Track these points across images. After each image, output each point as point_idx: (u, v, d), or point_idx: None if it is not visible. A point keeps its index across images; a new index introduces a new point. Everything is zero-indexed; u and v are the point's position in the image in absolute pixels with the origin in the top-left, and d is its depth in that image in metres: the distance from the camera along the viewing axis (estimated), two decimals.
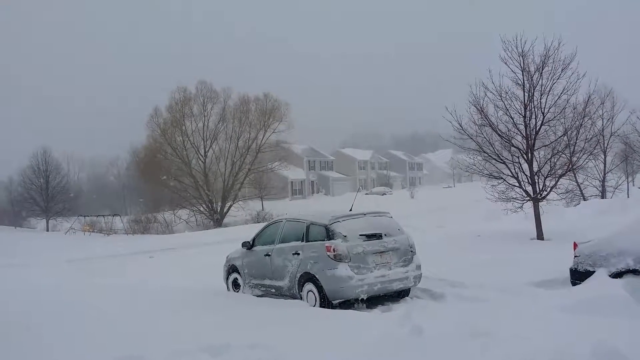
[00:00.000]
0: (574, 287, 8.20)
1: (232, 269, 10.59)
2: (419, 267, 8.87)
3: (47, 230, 51.26)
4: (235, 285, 10.51)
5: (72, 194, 58.56)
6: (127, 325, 6.89)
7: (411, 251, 8.89)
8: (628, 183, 33.38)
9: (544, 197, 16.54)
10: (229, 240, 19.67)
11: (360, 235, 8.45)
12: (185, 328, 6.66)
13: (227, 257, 10.90)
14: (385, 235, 8.66)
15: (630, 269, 7.62)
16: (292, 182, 71.97)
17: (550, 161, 16.44)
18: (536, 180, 16.47)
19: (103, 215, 48.81)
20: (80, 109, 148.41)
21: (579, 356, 3.46)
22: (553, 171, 16.45)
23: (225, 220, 50.10)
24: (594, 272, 7.98)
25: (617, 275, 7.70)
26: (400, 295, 8.93)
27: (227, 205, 51.57)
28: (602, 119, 27.69)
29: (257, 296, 9.66)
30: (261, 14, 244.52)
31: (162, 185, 50.46)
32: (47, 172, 55.15)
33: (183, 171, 51.25)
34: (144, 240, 32.57)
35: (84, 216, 49.37)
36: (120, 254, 22.58)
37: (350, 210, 9.23)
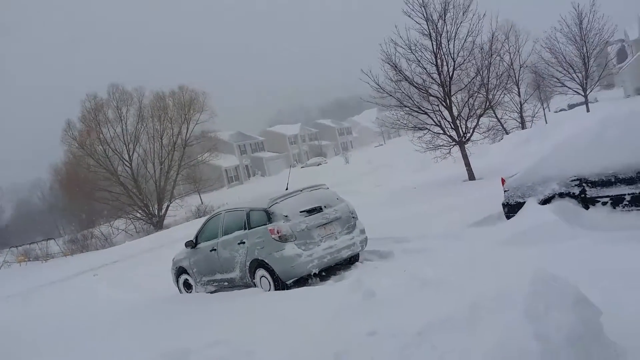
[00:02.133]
0: (508, 220, 8.60)
1: (180, 271, 10.40)
2: (363, 231, 9.01)
3: None
4: (187, 286, 10.33)
5: None
6: (79, 338, 6.64)
7: (353, 217, 9.01)
8: (544, 109, 35.18)
9: (468, 139, 17.16)
10: (173, 241, 19.25)
11: (301, 212, 8.47)
12: (141, 338, 6.48)
13: (173, 260, 10.69)
14: (325, 207, 8.72)
15: (557, 193, 8.04)
16: (226, 170, 70.94)
17: (469, 103, 17.03)
18: (458, 124, 17.02)
19: (36, 242, 46.37)
20: None
21: (521, 288, 3.62)
22: (472, 112, 17.07)
23: (166, 221, 48.84)
24: (524, 202, 8.39)
25: (546, 201, 8.12)
26: (350, 261, 9.08)
27: (164, 206, 50.25)
28: (509, 54, 28.88)
29: (211, 292, 9.56)
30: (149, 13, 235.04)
31: (92, 199, 48.42)
32: None
33: (110, 180, 49.27)
34: (84, 258, 31.28)
35: (16, 246, 46.71)
36: (63, 277, 21.59)
37: (287, 189, 9.22)
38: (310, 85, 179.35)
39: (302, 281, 8.35)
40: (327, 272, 8.64)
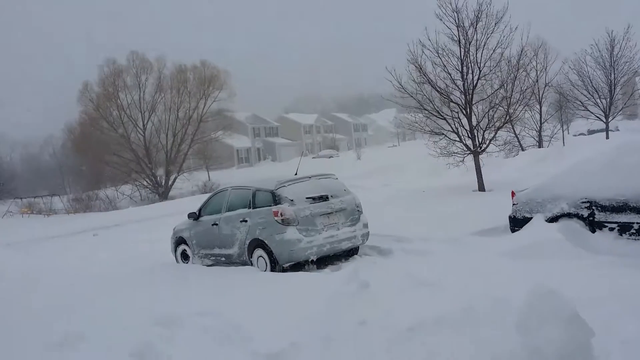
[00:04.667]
0: (513, 233, 8.56)
1: (179, 241, 10.45)
2: (366, 225, 9.00)
3: None
4: (184, 257, 10.38)
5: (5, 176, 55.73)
6: (75, 304, 6.68)
7: (358, 210, 9.00)
8: (563, 131, 34.84)
9: (483, 150, 17.05)
10: (175, 212, 19.33)
11: (306, 198, 8.46)
12: (135, 303, 6.52)
13: (174, 229, 10.74)
14: (331, 196, 8.71)
15: (565, 212, 8.00)
16: (237, 151, 71.08)
17: (488, 114, 16.90)
18: (475, 134, 16.91)
19: (41, 196, 46.72)
20: (4, 87, 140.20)
21: (517, 298, 3.60)
22: (491, 124, 16.94)
23: (171, 193, 49.07)
24: (531, 218, 8.35)
25: (553, 219, 8.08)
26: (349, 254, 9.07)
27: (172, 177, 50.44)
28: (536, 70, 28.58)
29: (207, 266, 9.59)
30: None
31: (102, 162, 48.70)
32: None
33: (122, 146, 49.49)
34: (86, 218, 31.53)
35: (21, 198, 47.11)
36: (63, 234, 21.79)
37: (296, 174, 9.22)
38: (331, 77, 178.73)
39: (299, 266, 8.36)
40: (325, 261, 8.65)
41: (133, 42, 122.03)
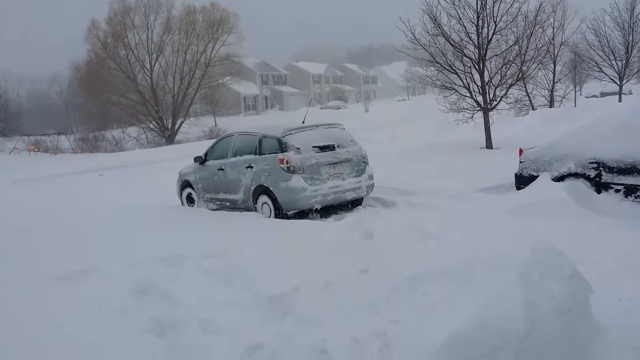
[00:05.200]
0: (518, 191, 8.55)
1: (185, 184, 10.51)
2: (371, 177, 9.00)
3: None
4: (190, 200, 10.47)
5: (12, 111, 55.65)
6: (81, 241, 6.78)
7: (364, 162, 8.98)
8: (576, 92, 34.28)
9: (494, 107, 16.84)
10: (181, 157, 19.34)
11: (313, 147, 8.44)
12: (140, 242, 6.61)
13: (179, 173, 10.79)
14: (338, 146, 8.68)
15: (572, 172, 7.95)
16: (245, 98, 70.54)
17: (501, 71, 16.59)
18: (487, 90, 16.67)
19: (48, 134, 46.86)
20: (13, 22, 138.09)
21: (518, 254, 3.62)
22: (503, 81, 16.66)
23: (177, 137, 49.10)
24: (537, 176, 8.31)
25: (560, 179, 8.04)
26: (353, 204, 9.12)
27: (178, 121, 50.32)
28: (553, 28, 27.82)
29: (212, 210, 9.68)
30: None
31: (108, 102, 48.50)
32: None
33: (129, 87, 49.14)
34: (92, 158, 31.67)
35: (28, 135, 47.28)
36: (69, 172, 21.93)
37: (303, 122, 9.15)
38: (342, 25, 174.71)
39: (303, 214, 8.42)
40: (329, 211, 8.70)
41: None
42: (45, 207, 10.44)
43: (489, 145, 16.41)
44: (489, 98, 16.69)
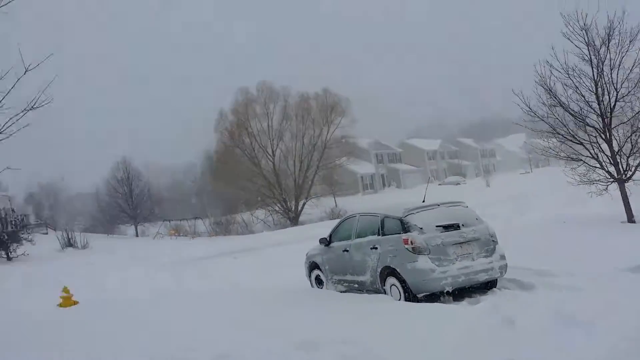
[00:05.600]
0: None
1: (313, 266, 10.77)
2: (503, 256, 8.65)
3: (137, 236, 54.00)
4: (319, 282, 10.67)
5: (156, 199, 61.36)
6: (222, 325, 7.20)
7: (493, 241, 8.69)
8: None
9: (629, 178, 15.65)
10: (307, 237, 19.97)
11: (437, 226, 8.32)
12: (276, 326, 6.86)
13: (307, 255, 11.08)
14: (463, 225, 8.49)
15: None
16: (361, 177, 71.80)
17: (631, 139, 15.51)
18: (619, 160, 15.61)
19: (186, 219, 50.74)
20: (152, 121, 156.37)
21: None
22: (636, 149, 15.52)
23: (301, 218, 50.82)
24: None
25: None
26: (487, 286, 8.70)
27: (301, 203, 52.30)
28: None
29: (341, 292, 9.78)
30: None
31: (237, 188, 51.89)
32: (130, 180, 58.05)
33: (254, 172, 52.44)
34: (226, 241, 33.66)
35: (169, 220, 51.55)
36: (207, 256, 23.48)
37: (423, 201, 9.11)
38: (451, 102, 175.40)
39: (434, 297, 8.22)
40: (461, 293, 8.41)
41: (264, 73, 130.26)
42: (196, 294, 11.20)
43: (630, 218, 15.12)
44: (623, 168, 15.58)
